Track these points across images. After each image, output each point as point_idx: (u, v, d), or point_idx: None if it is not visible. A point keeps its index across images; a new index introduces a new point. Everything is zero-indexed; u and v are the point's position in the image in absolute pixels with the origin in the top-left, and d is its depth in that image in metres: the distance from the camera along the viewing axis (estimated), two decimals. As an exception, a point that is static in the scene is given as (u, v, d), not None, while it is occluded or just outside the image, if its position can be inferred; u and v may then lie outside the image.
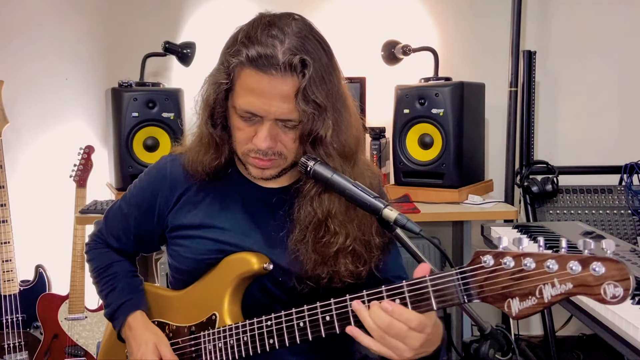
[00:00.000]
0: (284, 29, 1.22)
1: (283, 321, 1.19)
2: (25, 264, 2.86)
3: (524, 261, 0.94)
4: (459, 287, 1.01)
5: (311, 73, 1.21)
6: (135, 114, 2.60)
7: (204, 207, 1.39)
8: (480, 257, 0.99)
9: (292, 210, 1.34)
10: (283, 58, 1.19)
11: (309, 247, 1.29)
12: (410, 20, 3.10)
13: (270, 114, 1.23)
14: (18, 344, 2.72)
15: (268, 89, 1.20)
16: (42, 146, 3.02)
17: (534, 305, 0.93)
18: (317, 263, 1.28)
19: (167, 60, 2.97)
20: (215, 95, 1.28)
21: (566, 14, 3.12)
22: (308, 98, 1.22)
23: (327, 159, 1.28)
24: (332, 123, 1.27)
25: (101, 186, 2.91)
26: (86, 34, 3.01)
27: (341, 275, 1.29)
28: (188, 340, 1.32)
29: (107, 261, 1.51)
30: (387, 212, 1.17)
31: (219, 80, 1.26)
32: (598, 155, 3.06)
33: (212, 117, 1.31)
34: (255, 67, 1.20)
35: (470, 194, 2.64)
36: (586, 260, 0.89)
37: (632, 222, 2.64)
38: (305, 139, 1.28)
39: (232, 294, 1.31)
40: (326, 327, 1.14)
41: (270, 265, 1.30)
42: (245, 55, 1.20)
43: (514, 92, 2.95)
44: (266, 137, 1.25)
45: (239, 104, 1.24)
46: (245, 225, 1.36)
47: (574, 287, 0.90)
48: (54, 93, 3.01)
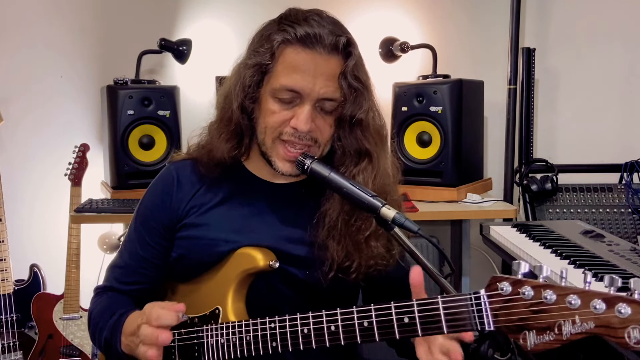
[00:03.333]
0: (322, 16, 1.29)
1: (287, 325, 1.16)
2: (19, 263, 2.83)
3: (544, 293, 0.89)
4: (473, 314, 0.96)
5: (357, 53, 1.29)
6: (130, 112, 2.59)
7: (215, 207, 1.37)
8: (497, 284, 0.94)
9: (310, 204, 1.35)
10: (329, 38, 1.25)
11: (340, 235, 1.29)
12: (408, 17, 3.08)
13: (315, 92, 1.25)
14: (12, 344, 2.70)
15: (313, 66, 1.24)
16: (37, 144, 3.00)
17: (551, 341, 0.88)
18: (349, 251, 1.29)
19: (163, 58, 2.94)
20: (253, 78, 1.29)
21: (566, 11, 3.09)
22: (354, 76, 1.27)
23: (365, 140, 1.32)
24: (372, 104, 1.33)
25: (96, 185, 2.89)
26: (81, 31, 2.98)
27: (374, 260, 1.30)
28: (190, 332, 1.31)
29: (107, 304, 1.41)
30: (385, 210, 1.16)
31: (261, 61, 1.28)
32: (598, 153, 3.03)
33: (243, 102, 1.31)
34: (302, 44, 1.25)
35: (469, 193, 2.63)
36: (612, 300, 0.83)
37: (633, 220, 2.63)
38: (346, 120, 1.30)
39: (236, 290, 1.30)
40: (330, 337, 1.11)
41: (276, 263, 1.30)
42: (292, 33, 1.25)
43: (513, 89, 2.94)
44: (308, 118, 1.26)
45: (280, 83, 1.26)
46: (259, 222, 1.35)
47: (596, 327, 0.84)
48: (48, 91, 2.98)
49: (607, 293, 0.85)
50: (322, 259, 1.31)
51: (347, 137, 1.32)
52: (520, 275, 0.94)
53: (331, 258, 1.30)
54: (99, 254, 2.83)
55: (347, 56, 1.28)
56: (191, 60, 2.84)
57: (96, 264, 2.79)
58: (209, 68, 2.88)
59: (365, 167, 1.33)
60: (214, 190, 1.39)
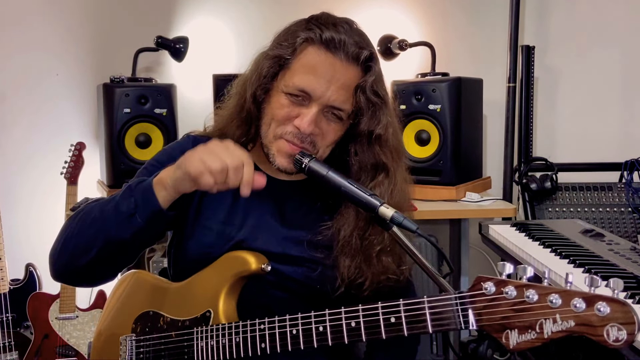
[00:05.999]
0: (351, 26, 1.30)
1: (276, 327, 1.17)
2: (15, 263, 2.81)
3: (527, 292, 0.91)
4: (457, 312, 0.99)
5: (377, 69, 1.29)
6: (127, 110, 2.57)
7: (216, 198, 1.35)
8: (482, 284, 0.97)
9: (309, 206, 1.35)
10: (352, 48, 1.25)
11: (354, 251, 1.29)
12: (407, 14, 3.06)
13: (325, 97, 1.25)
14: (8, 344, 2.68)
15: (331, 71, 1.24)
16: (33, 143, 2.98)
17: (532, 339, 0.91)
18: (360, 267, 1.28)
19: (160, 56, 2.92)
20: (269, 70, 1.29)
21: (566, 8, 3.08)
22: (374, 91, 1.27)
23: (382, 155, 1.31)
24: (391, 120, 1.33)
25: (92, 183, 2.87)
26: (77, 29, 2.96)
27: (385, 276, 1.29)
28: (181, 335, 1.31)
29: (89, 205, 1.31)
30: (383, 209, 1.16)
31: (281, 54, 1.28)
32: (598, 151, 3.02)
33: (256, 92, 1.31)
34: (325, 46, 1.25)
35: (468, 192, 2.61)
36: (591, 299, 0.86)
37: (633, 219, 2.62)
38: (365, 136, 1.30)
39: (227, 293, 1.30)
40: (318, 338, 1.12)
41: (268, 266, 1.29)
42: (318, 34, 1.25)
43: (513, 87, 2.92)
44: (312, 121, 1.25)
45: (293, 82, 1.26)
46: (259, 220, 1.35)
47: (576, 326, 0.87)
48: (44, 89, 2.96)
49: (587, 292, 0.87)
50: (332, 275, 1.30)
51: (365, 152, 1.32)
52: (504, 276, 0.96)
53: (341, 275, 1.29)
54: (95, 253, 2.81)
55: (367, 70, 1.28)
56: (188, 58, 2.82)
57: (92, 263, 2.77)
58: (206, 66, 2.87)
59: (382, 181, 1.32)
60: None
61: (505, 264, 0.98)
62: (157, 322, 1.38)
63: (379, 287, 1.30)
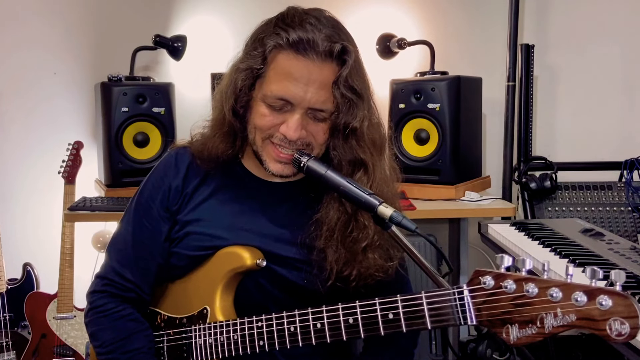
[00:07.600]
0: (320, 19, 1.23)
1: (274, 324, 1.17)
2: (12, 262, 2.80)
3: (526, 286, 0.89)
4: (455, 308, 0.98)
5: (352, 61, 1.23)
6: (125, 109, 2.57)
7: (207, 200, 1.36)
8: (480, 278, 0.95)
9: (305, 204, 1.33)
10: (323, 44, 1.19)
11: (337, 243, 1.27)
12: (405, 13, 3.05)
13: (305, 101, 1.22)
14: (5, 344, 2.68)
15: (306, 74, 1.20)
16: (30, 142, 2.97)
17: (533, 334, 0.89)
18: (346, 261, 1.27)
19: (158, 54, 2.92)
20: (244, 82, 1.26)
21: (565, 7, 3.07)
22: (348, 86, 1.22)
23: (359, 150, 1.28)
24: (367, 113, 1.28)
25: (90, 183, 2.86)
26: (75, 27, 2.95)
27: (372, 271, 1.27)
28: (179, 332, 1.31)
29: (125, 332, 1.33)
30: (382, 209, 1.15)
31: (252, 65, 1.25)
32: (598, 151, 3.02)
33: (235, 105, 1.29)
34: (295, 50, 1.20)
35: (467, 191, 2.61)
36: (593, 292, 0.83)
37: (632, 219, 2.61)
38: (340, 130, 1.27)
39: (223, 289, 1.30)
40: (317, 334, 1.12)
41: (263, 261, 1.29)
42: (285, 38, 1.20)
43: (512, 86, 2.92)
44: (298, 127, 1.23)
45: (271, 91, 1.23)
46: (250, 220, 1.34)
47: (577, 320, 0.85)
48: (42, 88, 2.96)
49: (588, 285, 0.85)
50: (321, 266, 1.29)
51: (342, 146, 1.29)
52: (503, 269, 0.94)
53: (330, 266, 1.28)
54: (93, 252, 2.81)
55: (342, 63, 1.23)
56: (186, 57, 2.82)
57: (90, 262, 2.77)
58: (204, 65, 2.85)
59: (360, 178, 1.30)
60: (208, 183, 1.37)
61: (503, 257, 0.95)
62: (154, 320, 1.38)
63: (366, 281, 1.29)
